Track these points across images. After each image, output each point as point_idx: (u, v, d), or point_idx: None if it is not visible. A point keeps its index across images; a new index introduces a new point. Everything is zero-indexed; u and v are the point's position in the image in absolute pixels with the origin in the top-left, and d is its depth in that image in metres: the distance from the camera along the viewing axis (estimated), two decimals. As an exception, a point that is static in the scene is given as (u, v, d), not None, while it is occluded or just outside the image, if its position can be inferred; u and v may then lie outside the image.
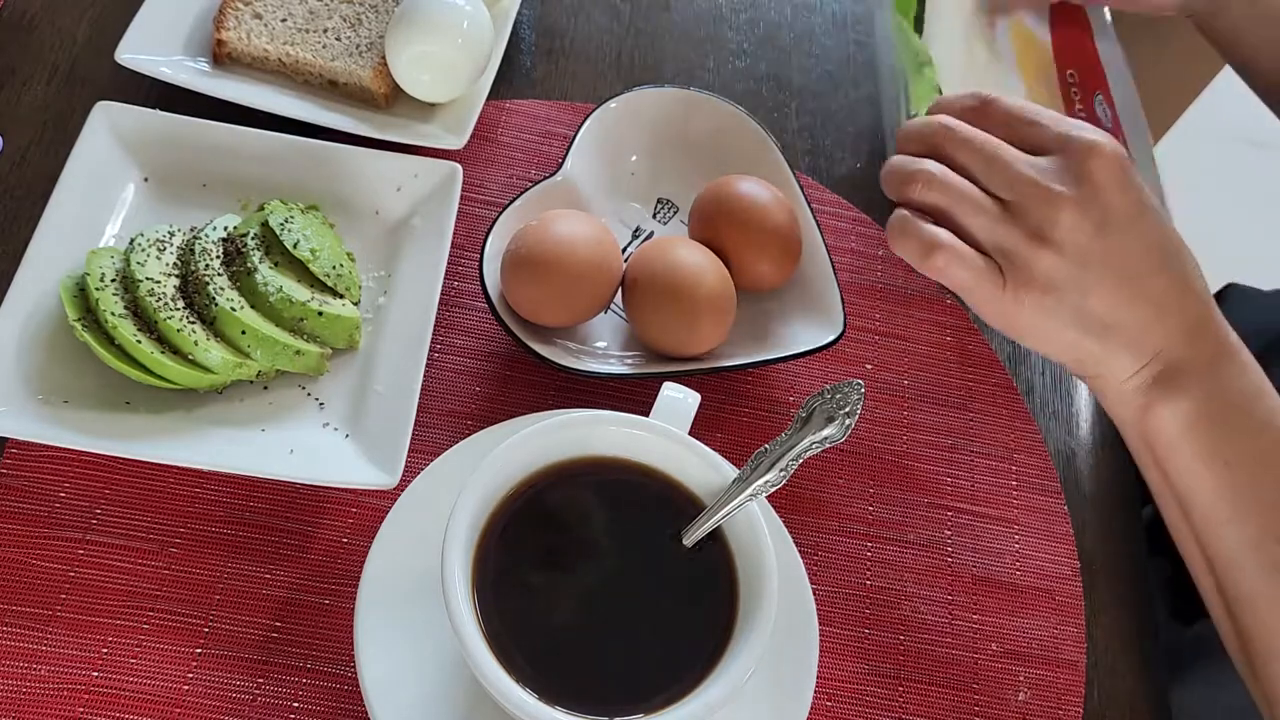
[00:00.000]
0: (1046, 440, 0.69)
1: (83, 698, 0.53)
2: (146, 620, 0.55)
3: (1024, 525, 0.66)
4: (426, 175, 0.66)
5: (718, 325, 0.62)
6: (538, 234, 0.62)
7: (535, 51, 0.78)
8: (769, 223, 0.64)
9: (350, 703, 0.55)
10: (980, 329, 0.72)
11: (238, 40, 0.69)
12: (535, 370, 0.64)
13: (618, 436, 0.52)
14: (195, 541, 0.57)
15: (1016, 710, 0.60)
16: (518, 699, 0.45)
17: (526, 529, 0.50)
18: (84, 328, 0.57)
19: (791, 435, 0.51)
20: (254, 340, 0.58)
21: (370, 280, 0.64)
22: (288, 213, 0.62)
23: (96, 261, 0.59)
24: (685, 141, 0.72)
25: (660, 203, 0.72)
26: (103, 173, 0.63)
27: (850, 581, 0.62)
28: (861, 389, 0.52)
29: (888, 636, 0.61)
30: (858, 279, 0.72)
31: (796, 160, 0.76)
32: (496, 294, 0.62)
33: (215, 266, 0.60)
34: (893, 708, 0.59)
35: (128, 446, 0.55)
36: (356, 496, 0.59)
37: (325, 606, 0.57)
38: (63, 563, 0.56)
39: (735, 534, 0.50)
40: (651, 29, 0.81)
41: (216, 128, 0.65)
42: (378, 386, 0.60)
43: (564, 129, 0.74)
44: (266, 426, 0.59)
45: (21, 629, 0.54)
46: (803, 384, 0.68)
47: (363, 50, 0.70)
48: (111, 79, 0.70)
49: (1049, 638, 0.62)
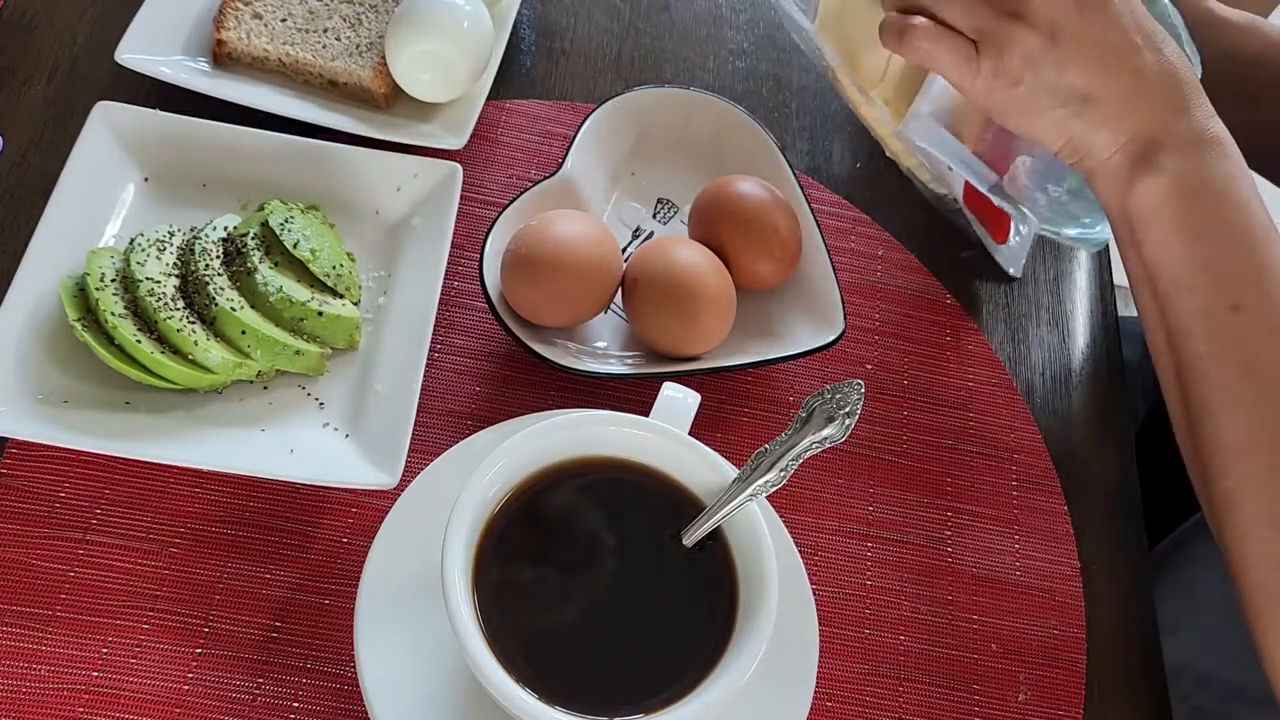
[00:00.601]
0: (1046, 440, 0.69)
1: (83, 698, 0.53)
2: (146, 620, 0.55)
3: (1024, 525, 0.66)
4: (426, 175, 0.66)
5: (718, 325, 0.62)
6: (538, 234, 0.62)
7: (535, 51, 0.78)
8: (769, 223, 0.64)
9: (350, 703, 0.55)
10: (980, 329, 0.72)
11: (238, 40, 0.69)
12: (535, 370, 0.64)
13: (618, 436, 0.52)
14: (195, 541, 0.57)
15: (1016, 710, 0.60)
16: (518, 699, 0.45)
17: (526, 529, 0.50)
18: (84, 328, 0.57)
19: (791, 435, 0.51)
20: (254, 340, 0.58)
21: (370, 280, 0.64)
22: (288, 213, 0.62)
23: (96, 261, 0.59)
24: (685, 141, 0.72)
25: (660, 203, 0.72)
26: (103, 173, 0.63)
27: (850, 581, 0.62)
28: (861, 389, 0.52)
29: (888, 636, 0.61)
30: (858, 279, 0.72)
31: (796, 160, 0.76)
32: (496, 294, 0.62)
33: (215, 266, 0.60)
34: (893, 708, 0.59)
35: (128, 446, 0.55)
36: (356, 496, 0.59)
37: (325, 606, 0.57)
38: (63, 563, 0.56)
39: (735, 534, 0.50)
40: (651, 29, 0.81)
41: (216, 128, 0.65)
42: (378, 386, 0.60)
43: (564, 129, 0.74)
44: (266, 426, 0.59)
45: (21, 629, 0.54)
46: (803, 384, 0.68)
47: (363, 50, 0.70)
48: (111, 79, 0.70)
49: (1049, 638, 0.62)
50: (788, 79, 0.80)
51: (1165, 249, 0.56)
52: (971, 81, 0.58)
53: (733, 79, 0.80)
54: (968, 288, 0.73)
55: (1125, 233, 0.58)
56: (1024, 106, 0.58)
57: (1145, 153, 0.56)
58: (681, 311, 0.61)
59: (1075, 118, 0.57)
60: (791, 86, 0.80)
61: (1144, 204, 0.56)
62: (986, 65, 0.57)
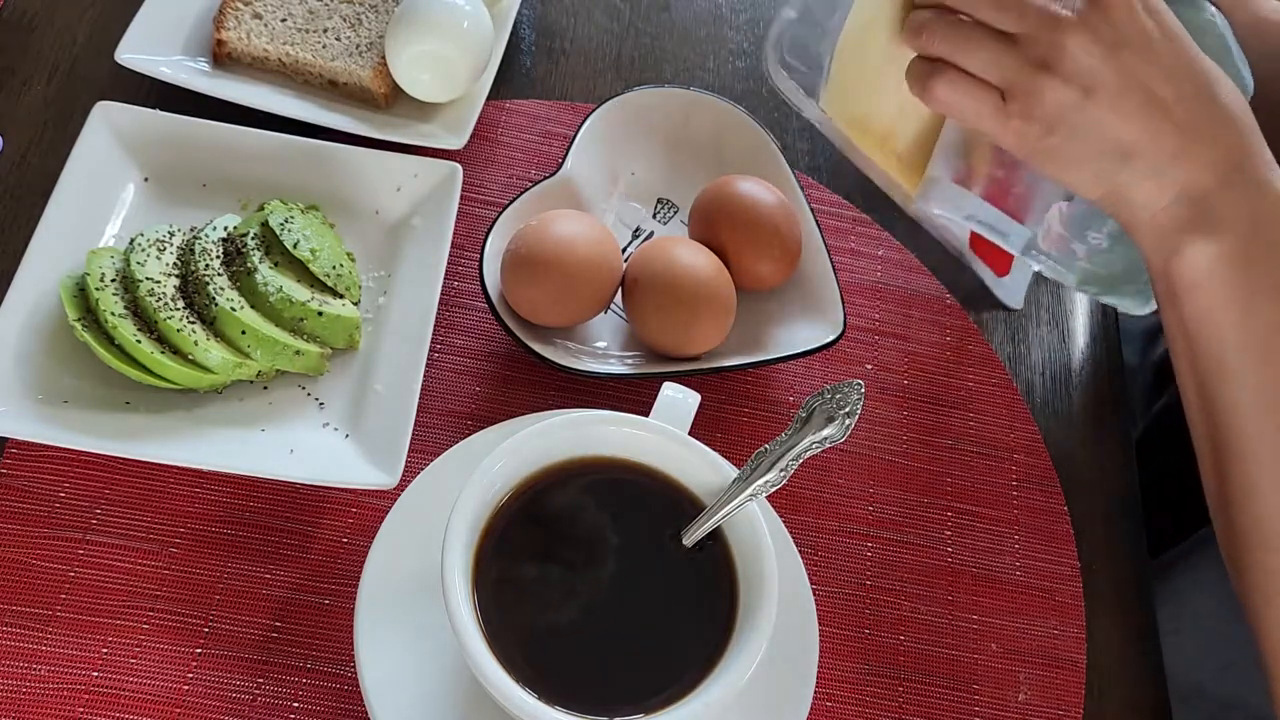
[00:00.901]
0: (1046, 440, 0.69)
1: (83, 698, 0.53)
2: (146, 620, 0.55)
3: (1024, 525, 0.65)
4: (426, 175, 0.66)
5: (718, 325, 0.62)
6: (538, 234, 0.62)
7: (535, 51, 0.78)
8: (769, 223, 0.64)
9: (350, 703, 0.55)
10: (980, 329, 0.72)
11: (238, 40, 0.69)
12: (535, 370, 0.64)
13: (618, 436, 0.52)
14: (195, 541, 0.57)
15: (1016, 710, 0.60)
16: (518, 699, 0.45)
17: (526, 529, 0.50)
18: (84, 328, 0.57)
19: (791, 435, 0.51)
20: (254, 340, 0.58)
21: (370, 280, 0.64)
22: (288, 213, 0.62)
23: (96, 261, 0.59)
24: (685, 141, 0.72)
25: (660, 203, 0.72)
26: (103, 173, 0.63)
27: (850, 581, 0.62)
28: (861, 389, 0.51)
29: (888, 636, 0.61)
30: (858, 279, 0.72)
31: (796, 160, 0.76)
32: (496, 294, 0.62)
33: (215, 266, 0.60)
34: (892, 707, 0.59)
35: (128, 446, 0.55)
36: (356, 496, 0.59)
37: (325, 606, 0.57)
38: (63, 563, 0.56)
39: (735, 534, 0.50)
40: (651, 29, 0.81)
41: (216, 128, 0.65)
42: (378, 386, 0.60)
43: (564, 129, 0.74)
44: (266, 426, 0.59)
45: (21, 629, 0.54)
46: (803, 384, 0.68)
47: (363, 50, 0.70)
48: (111, 79, 0.70)
49: (1049, 638, 0.62)
50: (788, 79, 0.80)
51: (1212, 321, 0.52)
52: (1001, 131, 0.54)
53: (733, 79, 0.80)
54: (968, 288, 0.73)
55: (1166, 293, 0.54)
56: (1059, 157, 0.53)
57: (1195, 211, 0.52)
58: (681, 311, 0.61)
59: (1116, 171, 0.52)
60: (791, 86, 0.80)
61: (1191, 268, 0.52)
62: (1016, 118, 0.53)
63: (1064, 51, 0.51)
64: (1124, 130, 0.52)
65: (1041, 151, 0.54)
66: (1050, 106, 0.52)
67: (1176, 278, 0.53)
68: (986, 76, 0.53)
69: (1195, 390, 0.55)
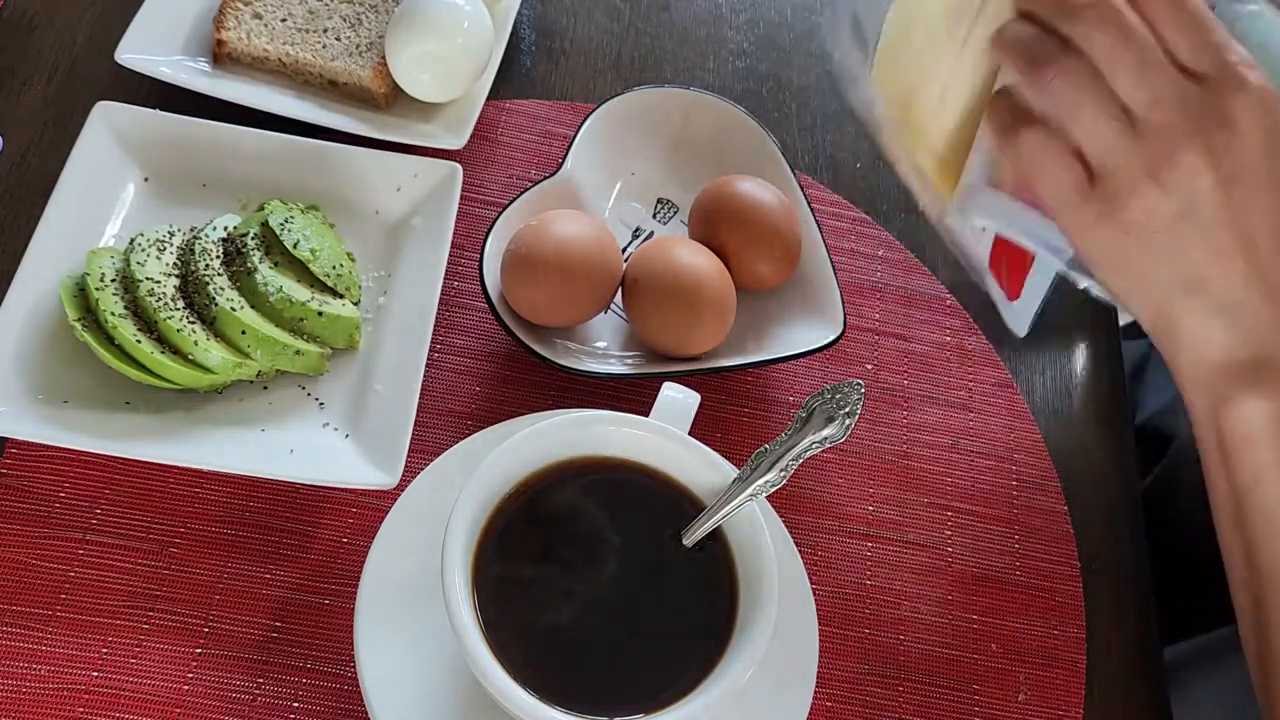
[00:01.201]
0: (1046, 440, 0.69)
1: (83, 698, 0.53)
2: (146, 620, 0.55)
3: (1024, 525, 0.65)
4: (426, 175, 0.66)
5: (718, 325, 0.62)
6: (537, 234, 0.62)
7: (535, 51, 0.78)
8: (769, 223, 0.64)
9: (350, 703, 0.55)
10: (980, 329, 0.72)
11: (238, 40, 0.69)
12: (535, 370, 0.64)
13: (618, 436, 0.52)
14: (195, 541, 0.57)
15: (1016, 710, 0.60)
16: (518, 699, 0.45)
17: (526, 529, 0.50)
18: (84, 328, 0.57)
19: (791, 435, 0.51)
20: (254, 340, 0.58)
21: (370, 280, 0.64)
22: (288, 213, 0.62)
23: (96, 261, 0.59)
24: (685, 141, 0.72)
25: (660, 203, 0.72)
26: (103, 173, 0.63)
27: (850, 581, 0.62)
28: (861, 389, 0.51)
29: (888, 636, 0.61)
30: (858, 279, 0.72)
31: (796, 160, 0.76)
32: (496, 294, 0.62)
33: (215, 266, 0.60)
34: (893, 708, 0.59)
35: (128, 446, 0.55)
36: (356, 496, 0.59)
37: (325, 606, 0.57)
38: (63, 563, 0.56)
39: (735, 534, 0.50)
40: (651, 29, 0.81)
41: (216, 128, 0.65)
42: (378, 386, 0.60)
43: (564, 129, 0.74)
44: (266, 426, 0.59)
45: (21, 629, 0.54)
46: (803, 384, 0.68)
47: (363, 50, 0.70)
48: (111, 79, 0.70)
49: (1049, 638, 0.62)
50: (788, 79, 0.80)
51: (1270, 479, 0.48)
52: (1073, 214, 0.48)
53: (733, 79, 0.80)
54: (968, 288, 0.73)
55: (1211, 440, 0.50)
56: (1123, 264, 0.48)
57: (1256, 366, 0.47)
58: (681, 311, 0.61)
59: (1178, 298, 0.47)
60: (791, 86, 0.80)
61: (1246, 424, 0.48)
62: (1096, 207, 0.47)
63: (1175, 164, 0.46)
64: (1209, 265, 0.47)
65: (1106, 252, 0.48)
66: (1137, 213, 0.46)
67: (1228, 430, 0.49)
68: (1084, 148, 0.47)
69: (1238, 542, 0.51)
